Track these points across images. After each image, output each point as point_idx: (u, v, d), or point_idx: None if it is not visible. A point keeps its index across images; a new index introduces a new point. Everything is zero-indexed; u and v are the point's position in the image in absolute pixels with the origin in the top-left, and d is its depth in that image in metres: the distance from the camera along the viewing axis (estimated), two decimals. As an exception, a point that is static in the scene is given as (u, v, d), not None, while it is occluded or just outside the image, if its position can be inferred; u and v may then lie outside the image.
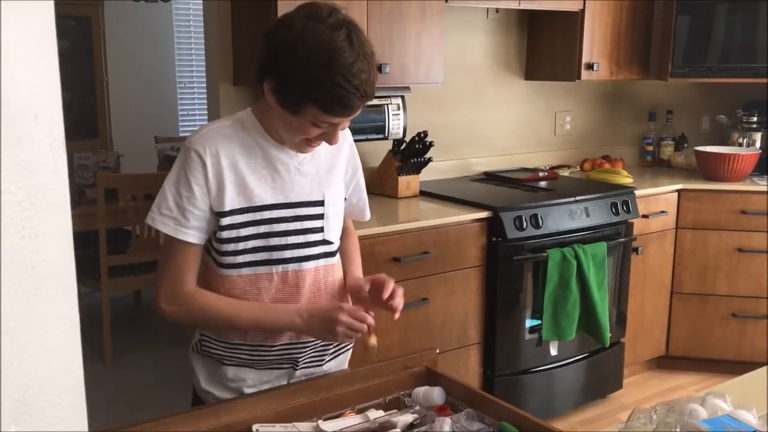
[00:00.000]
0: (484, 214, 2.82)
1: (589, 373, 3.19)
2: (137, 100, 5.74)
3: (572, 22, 3.33)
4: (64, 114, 0.72)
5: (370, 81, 1.33)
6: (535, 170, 3.47)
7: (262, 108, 1.47)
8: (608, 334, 2.98)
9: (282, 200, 1.47)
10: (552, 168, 3.65)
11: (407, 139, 3.06)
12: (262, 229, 1.45)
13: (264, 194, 1.45)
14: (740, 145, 3.74)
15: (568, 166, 3.75)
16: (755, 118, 3.74)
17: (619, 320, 3.26)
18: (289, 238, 1.47)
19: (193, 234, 1.43)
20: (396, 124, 3.01)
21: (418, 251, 2.65)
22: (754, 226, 3.39)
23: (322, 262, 1.53)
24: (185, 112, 6.14)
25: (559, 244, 2.90)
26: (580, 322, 2.93)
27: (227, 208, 1.42)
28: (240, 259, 1.46)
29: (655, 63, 3.60)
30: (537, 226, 2.86)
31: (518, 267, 2.88)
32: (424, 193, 3.11)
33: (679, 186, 3.44)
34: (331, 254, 1.55)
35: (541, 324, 2.90)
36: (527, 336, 2.96)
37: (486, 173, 3.51)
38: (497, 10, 3.46)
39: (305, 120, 1.36)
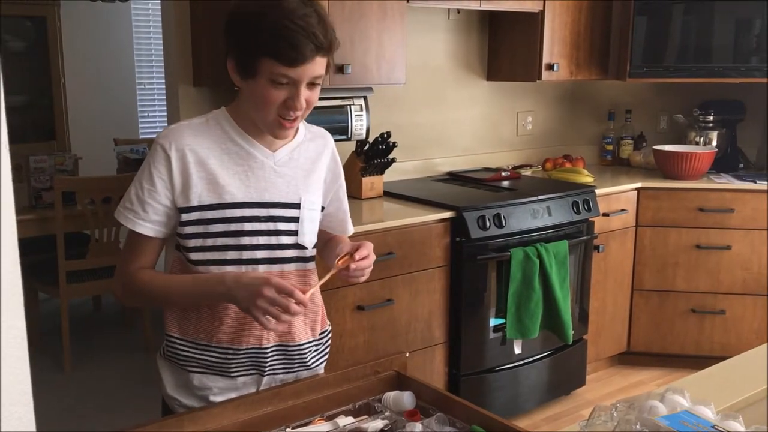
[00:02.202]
0: (447, 214, 2.82)
1: (553, 371, 3.22)
2: (95, 101, 5.64)
3: (532, 23, 3.36)
4: (20, 116, 0.69)
5: (320, 27, 1.32)
6: (498, 170, 3.49)
7: (235, 106, 1.47)
8: (571, 332, 3.01)
9: (255, 199, 1.44)
10: (514, 168, 3.68)
11: (370, 139, 3.06)
12: (233, 227, 1.43)
13: (236, 192, 1.43)
14: (697, 143, 3.82)
15: (530, 166, 3.78)
16: (711, 117, 3.82)
17: (582, 317, 3.29)
18: (260, 238, 1.44)
19: (150, 227, 1.42)
20: (359, 124, 3.00)
21: (383, 252, 2.65)
22: (711, 223, 3.46)
23: (294, 266, 1.49)
24: (145, 114, 6.05)
25: (521, 243, 2.92)
26: (544, 320, 2.95)
27: (194, 203, 1.41)
28: (209, 255, 1.44)
29: (614, 63, 3.65)
30: (500, 226, 2.88)
31: (482, 266, 2.89)
32: (388, 194, 3.11)
33: (639, 184, 3.49)
34: (305, 260, 1.52)
35: (505, 323, 2.92)
36: (491, 335, 2.98)
37: (449, 173, 3.52)
38: (458, 11, 3.47)
39: (264, 81, 1.34)
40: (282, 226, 1.47)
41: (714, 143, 3.80)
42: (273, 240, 1.46)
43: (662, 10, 3.54)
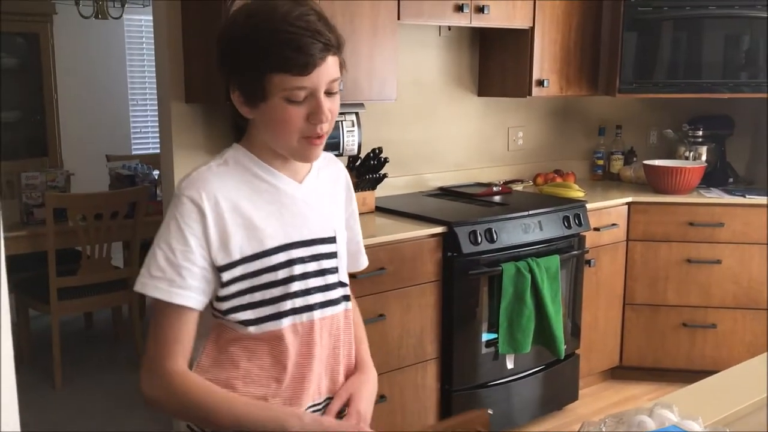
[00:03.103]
0: (439, 230, 2.83)
1: (546, 386, 3.22)
2: (88, 117, 5.65)
3: (522, 39, 3.39)
4: (12, 132, 0.69)
5: (322, 24, 1.19)
6: (489, 185, 3.51)
7: (248, 139, 1.30)
8: (563, 346, 3.01)
9: (296, 238, 1.28)
10: (506, 183, 3.70)
11: (362, 155, 3.07)
12: (281, 274, 1.26)
13: (276, 234, 1.26)
14: (687, 158, 3.85)
15: (522, 181, 3.80)
16: (700, 132, 3.85)
17: (574, 332, 3.30)
18: (310, 281, 1.29)
19: (191, 296, 1.20)
20: (351, 140, 3.01)
21: (375, 267, 2.65)
22: (701, 237, 3.48)
23: (342, 307, 1.36)
24: (137, 130, 6.07)
25: (513, 258, 2.93)
26: (536, 334, 2.96)
27: (236, 256, 1.22)
28: (261, 312, 1.26)
29: (604, 79, 3.69)
30: (491, 241, 2.89)
31: (474, 281, 2.90)
32: (380, 209, 3.12)
33: (629, 199, 3.51)
34: (348, 298, 1.38)
35: (497, 338, 2.93)
36: (484, 350, 2.98)
37: (441, 188, 3.54)
38: (449, 28, 3.50)
39: (279, 101, 1.19)
40: (326, 263, 1.32)
41: (703, 158, 3.83)
42: (320, 281, 1.31)
43: (651, 26, 3.57)
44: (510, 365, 3.03)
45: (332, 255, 1.34)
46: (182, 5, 2.73)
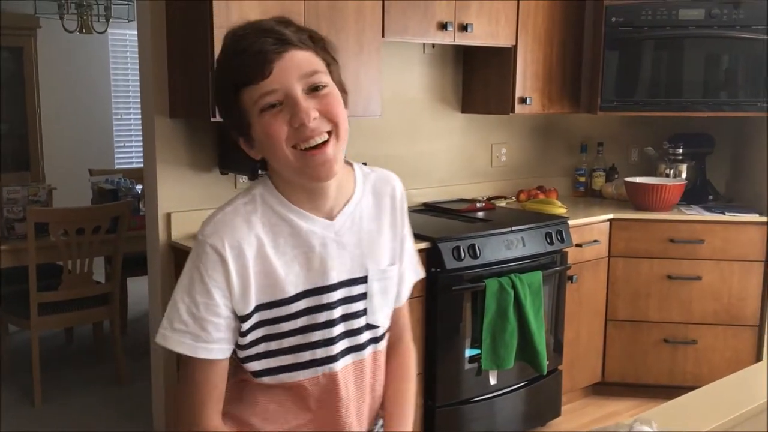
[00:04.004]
0: (423, 245, 2.84)
1: (528, 401, 3.22)
2: (71, 131, 5.63)
3: (505, 57, 3.43)
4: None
5: (282, 26, 1.10)
6: (473, 201, 3.53)
7: (272, 172, 1.19)
8: (546, 362, 3.02)
9: (320, 284, 1.18)
10: (489, 199, 3.72)
11: (346, 171, 3.08)
12: (300, 322, 1.18)
13: (297, 280, 1.17)
14: (667, 175, 3.89)
15: (505, 197, 3.83)
16: (681, 150, 3.90)
17: (556, 348, 3.31)
18: (334, 329, 1.20)
19: (217, 348, 1.15)
20: (335, 156, 3.02)
21: (358, 283, 2.65)
22: (682, 253, 3.52)
23: (368, 350, 1.26)
24: (121, 144, 6.05)
25: (496, 274, 2.94)
26: (518, 350, 2.97)
27: (253, 304, 1.15)
28: (276, 362, 1.19)
29: (585, 97, 3.73)
30: (475, 257, 2.90)
31: (457, 297, 2.91)
32: (364, 225, 3.12)
33: (611, 216, 3.54)
34: (376, 340, 1.28)
35: (480, 353, 2.93)
36: (467, 366, 2.99)
37: (425, 204, 3.55)
38: (433, 46, 3.53)
39: (257, 119, 1.10)
40: (353, 307, 1.22)
41: (684, 175, 3.88)
42: (344, 327, 1.22)
43: (632, 45, 3.62)
44: (493, 381, 3.03)
45: (360, 297, 1.23)
46: (167, 20, 2.74)
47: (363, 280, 1.22)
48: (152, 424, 3.16)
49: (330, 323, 1.20)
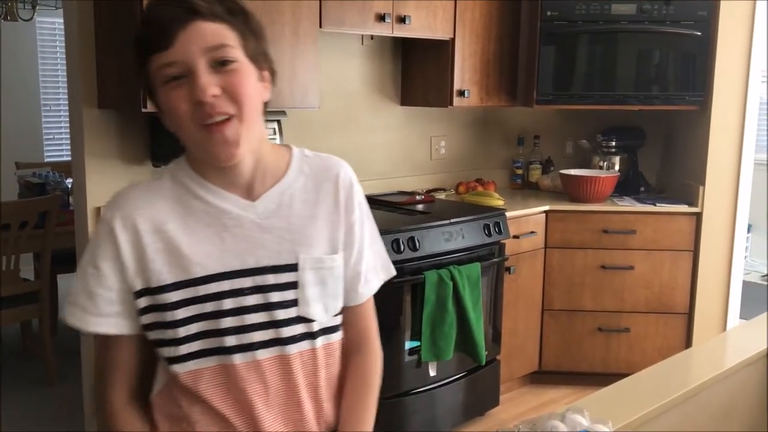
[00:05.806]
0: (361, 238, 2.82)
1: (468, 392, 3.25)
2: (-4, 123, 5.39)
3: (443, 50, 3.44)
4: None
5: None
6: (412, 194, 3.53)
7: (187, 148, 1.16)
8: (484, 353, 3.05)
9: (235, 267, 1.12)
10: (428, 191, 3.73)
11: (284, 163, 3.04)
12: (208, 307, 1.11)
13: (207, 261, 1.11)
14: (601, 168, 3.98)
15: (444, 190, 3.84)
16: (614, 143, 3.99)
17: (495, 338, 3.35)
18: (247, 316, 1.12)
19: (107, 322, 1.12)
20: (272, 148, 2.97)
21: (296, 277, 2.62)
22: (615, 244, 3.60)
23: (300, 347, 1.17)
24: (50, 137, 5.83)
25: (435, 266, 2.95)
26: (457, 341, 2.99)
27: (154, 284, 1.11)
28: (184, 349, 1.12)
29: (522, 90, 3.77)
30: (414, 249, 2.90)
31: (396, 290, 2.90)
32: (302, 218, 3.08)
33: (547, 207, 3.60)
34: (313, 335, 1.19)
35: (419, 346, 2.94)
36: (407, 358, 2.99)
37: (364, 197, 3.53)
38: (372, 37, 3.51)
39: (161, 89, 1.07)
40: (275, 296, 1.14)
41: (617, 167, 3.97)
42: (264, 316, 1.14)
43: (568, 39, 3.68)
44: (432, 373, 3.05)
45: (288, 286, 1.15)
46: (95, 7, 2.64)
47: (292, 267, 1.15)
48: (84, 425, 3.07)
49: (243, 310, 1.13)
